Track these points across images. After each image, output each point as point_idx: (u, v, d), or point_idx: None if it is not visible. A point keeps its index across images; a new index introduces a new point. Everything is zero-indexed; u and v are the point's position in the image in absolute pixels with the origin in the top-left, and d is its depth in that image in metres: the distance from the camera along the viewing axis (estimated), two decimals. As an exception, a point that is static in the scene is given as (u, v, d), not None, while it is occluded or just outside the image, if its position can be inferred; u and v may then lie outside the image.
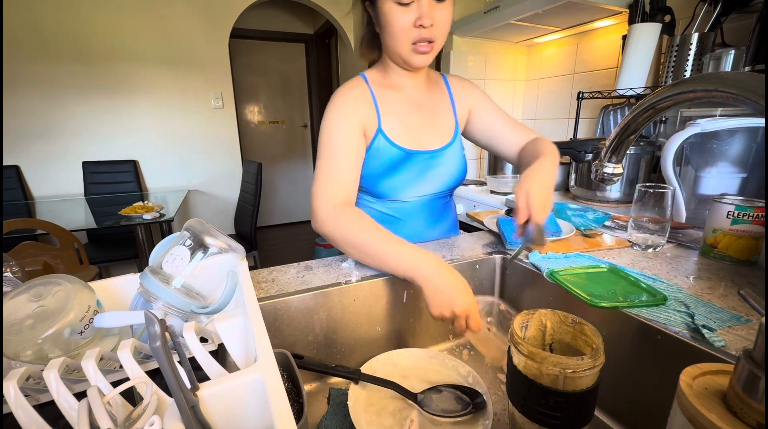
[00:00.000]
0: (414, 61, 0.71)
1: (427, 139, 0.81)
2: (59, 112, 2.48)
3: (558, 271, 0.64)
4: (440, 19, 0.67)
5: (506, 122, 0.87)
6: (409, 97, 0.81)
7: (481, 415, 0.48)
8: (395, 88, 0.80)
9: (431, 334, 0.71)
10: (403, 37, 0.68)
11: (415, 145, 0.79)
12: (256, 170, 2.38)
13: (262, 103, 4.09)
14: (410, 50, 0.69)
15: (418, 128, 0.80)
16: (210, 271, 0.44)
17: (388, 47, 0.73)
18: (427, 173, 0.80)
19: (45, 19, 2.34)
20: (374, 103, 0.76)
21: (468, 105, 0.87)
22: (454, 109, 0.85)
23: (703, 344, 0.44)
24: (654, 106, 0.45)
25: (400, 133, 0.78)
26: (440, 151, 0.81)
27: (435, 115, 0.82)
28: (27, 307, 0.38)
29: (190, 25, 2.66)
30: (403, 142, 0.77)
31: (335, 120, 0.72)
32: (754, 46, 0.98)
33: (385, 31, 0.70)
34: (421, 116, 0.81)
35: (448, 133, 0.84)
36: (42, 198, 2.53)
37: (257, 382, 0.31)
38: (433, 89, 0.84)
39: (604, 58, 1.62)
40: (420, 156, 0.79)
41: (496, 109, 0.88)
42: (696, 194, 0.94)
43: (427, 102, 0.82)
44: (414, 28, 0.66)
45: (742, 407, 0.25)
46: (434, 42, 0.69)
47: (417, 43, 0.68)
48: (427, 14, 0.65)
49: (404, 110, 0.79)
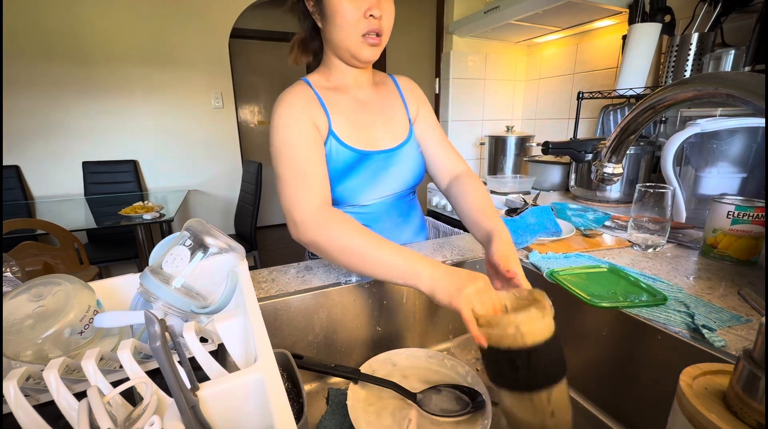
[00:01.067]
0: (363, 54, 0.68)
1: (380, 139, 0.78)
2: (59, 112, 2.48)
3: (558, 271, 0.64)
4: (388, 11, 0.67)
5: (442, 141, 0.83)
6: (356, 98, 0.78)
7: (480, 414, 0.48)
8: (340, 90, 0.76)
9: (431, 334, 0.71)
10: (353, 28, 0.65)
11: (369, 146, 0.76)
12: (256, 170, 2.38)
13: (262, 103, 4.09)
14: (360, 42, 0.67)
15: (369, 128, 0.77)
16: (210, 271, 0.44)
17: (334, 41, 0.69)
18: (383, 174, 0.77)
19: (45, 19, 2.34)
20: (321, 104, 0.73)
21: (416, 106, 0.84)
22: (406, 107, 0.83)
23: (703, 344, 0.44)
24: (654, 106, 0.45)
25: (352, 134, 0.75)
26: (395, 151, 0.78)
27: (385, 114, 0.80)
28: (27, 307, 0.38)
29: (190, 25, 2.66)
30: (355, 143, 0.74)
31: (286, 121, 0.68)
32: (754, 46, 0.98)
33: (332, 22, 0.66)
34: (371, 116, 0.78)
35: (402, 131, 0.81)
36: (42, 198, 2.53)
37: (257, 382, 0.31)
38: (380, 89, 0.82)
39: (604, 58, 1.62)
40: (375, 156, 0.76)
41: (435, 123, 0.85)
42: (696, 194, 0.94)
43: (375, 101, 0.80)
44: (364, 18, 0.65)
45: (742, 407, 0.25)
46: (382, 35, 0.68)
47: (366, 35, 0.66)
48: (377, 5, 0.64)
49: (353, 110, 0.76)
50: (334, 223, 0.59)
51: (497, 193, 1.54)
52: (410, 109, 0.83)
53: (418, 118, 0.83)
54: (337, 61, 0.74)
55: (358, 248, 0.55)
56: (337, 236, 0.57)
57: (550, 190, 1.56)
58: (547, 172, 1.56)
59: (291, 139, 0.67)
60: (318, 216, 0.60)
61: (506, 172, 1.78)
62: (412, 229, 0.87)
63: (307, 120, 0.69)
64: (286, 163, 0.65)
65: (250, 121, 4.08)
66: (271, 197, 4.25)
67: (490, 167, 1.83)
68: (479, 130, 2.09)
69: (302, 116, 0.69)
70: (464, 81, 1.97)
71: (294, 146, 0.66)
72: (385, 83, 0.84)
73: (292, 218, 0.62)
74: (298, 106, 0.69)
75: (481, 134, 2.09)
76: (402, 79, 0.86)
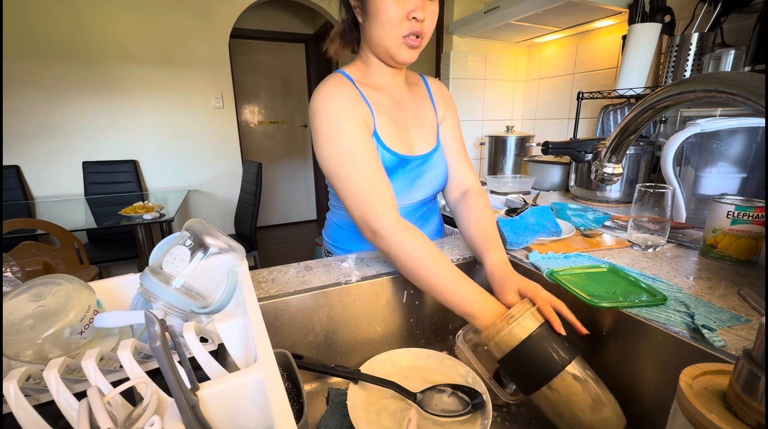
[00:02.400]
0: (401, 56, 0.67)
1: (416, 143, 0.76)
2: (59, 112, 2.48)
3: (558, 271, 0.64)
4: (431, 13, 0.65)
5: (459, 151, 0.81)
6: (393, 99, 0.76)
7: (480, 414, 0.48)
8: (378, 88, 0.74)
9: (431, 334, 0.71)
10: (395, 28, 0.64)
11: (407, 150, 0.75)
12: (256, 170, 2.38)
13: (262, 103, 4.09)
14: (400, 43, 0.65)
15: (405, 131, 0.76)
16: (210, 271, 0.44)
17: (373, 39, 0.67)
18: (418, 180, 0.76)
19: (45, 19, 2.34)
20: (366, 101, 0.70)
21: (444, 110, 0.83)
22: (435, 111, 0.81)
23: (703, 344, 0.44)
24: (654, 106, 0.45)
25: (393, 136, 0.73)
26: (428, 156, 0.77)
27: (419, 118, 0.78)
28: (27, 307, 0.38)
29: (190, 25, 2.66)
30: (397, 146, 0.73)
31: (336, 116, 0.64)
32: (754, 46, 0.97)
33: (374, 19, 0.64)
34: (407, 119, 0.76)
35: (432, 135, 0.79)
36: (42, 198, 2.53)
37: (257, 382, 0.31)
38: (413, 90, 0.80)
39: (604, 58, 1.62)
40: (413, 162, 0.75)
41: (457, 131, 0.83)
42: (696, 194, 0.94)
43: (409, 102, 0.78)
44: (406, 20, 0.63)
45: (742, 407, 0.25)
46: (422, 38, 0.66)
47: (407, 36, 0.65)
48: (421, 7, 0.63)
49: (393, 112, 0.74)
50: (413, 239, 0.59)
51: (497, 193, 1.54)
52: (438, 113, 0.82)
53: (443, 122, 0.82)
54: (374, 58, 0.72)
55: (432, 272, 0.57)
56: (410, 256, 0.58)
57: (550, 190, 1.56)
58: (547, 172, 1.56)
59: (352, 145, 0.64)
60: (396, 228, 0.60)
61: (506, 172, 1.77)
62: (428, 233, 0.86)
63: (359, 119, 0.66)
64: (353, 172, 0.63)
65: (250, 121, 4.08)
66: (271, 197, 4.25)
67: (490, 167, 1.83)
68: (479, 130, 2.09)
69: (353, 110, 0.66)
70: (464, 81, 1.97)
71: (358, 153, 0.64)
72: (417, 84, 0.82)
73: (368, 226, 0.62)
74: (346, 99, 0.66)
75: (481, 134, 2.09)
76: (433, 81, 0.84)
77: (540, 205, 1.02)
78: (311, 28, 3.93)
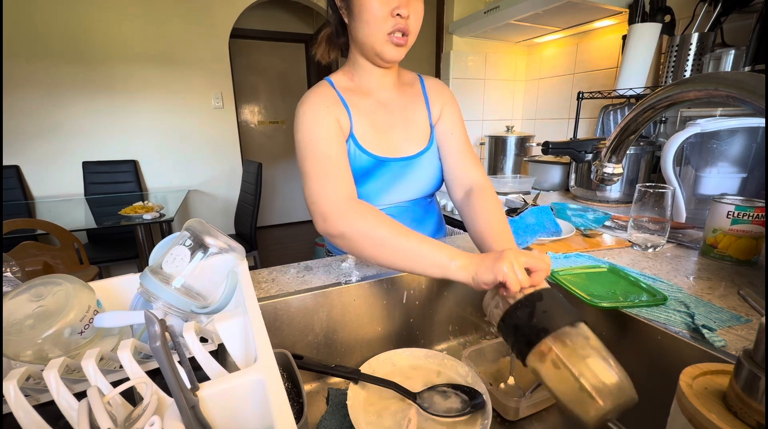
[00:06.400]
0: (387, 54, 0.67)
1: (400, 145, 0.76)
2: (59, 112, 2.48)
3: (558, 271, 0.64)
4: (416, 11, 0.65)
5: (461, 148, 0.79)
6: (379, 101, 0.76)
7: (480, 414, 0.48)
8: (364, 93, 0.75)
9: (431, 334, 0.71)
10: (379, 25, 0.64)
11: (387, 152, 0.75)
12: (256, 170, 2.38)
13: (262, 103, 4.09)
14: (385, 41, 0.66)
15: (388, 132, 0.76)
16: (210, 271, 0.44)
17: (359, 38, 0.68)
18: (400, 181, 0.76)
19: (45, 19, 2.34)
20: (344, 105, 0.72)
21: (440, 107, 0.81)
22: (429, 112, 0.80)
23: (703, 344, 0.44)
24: (654, 106, 0.45)
25: (372, 138, 0.74)
26: (415, 158, 0.77)
27: (408, 120, 0.78)
28: (27, 307, 0.38)
29: (190, 25, 2.66)
30: (374, 148, 0.74)
31: (311, 119, 0.68)
32: (754, 46, 0.97)
33: (359, 18, 0.65)
34: (393, 120, 0.76)
35: (422, 137, 0.79)
36: (42, 198, 2.53)
37: (257, 382, 0.31)
38: (405, 91, 0.80)
39: (604, 58, 1.62)
40: (392, 164, 0.75)
41: (457, 126, 0.80)
42: (696, 194, 0.94)
43: (398, 104, 0.78)
44: (391, 17, 0.64)
45: (742, 407, 0.25)
46: (408, 35, 0.66)
47: (392, 33, 0.65)
48: (405, 3, 0.63)
49: (375, 114, 0.75)
50: (363, 214, 0.58)
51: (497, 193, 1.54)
52: (432, 112, 0.80)
53: (440, 120, 0.81)
54: (362, 60, 0.73)
55: (387, 239, 0.54)
56: (366, 227, 0.56)
57: (550, 190, 1.56)
58: (547, 172, 1.56)
59: (316, 135, 0.67)
60: (346, 207, 0.60)
61: (506, 172, 1.77)
62: (428, 232, 0.86)
63: (332, 118, 0.69)
64: (312, 158, 0.65)
65: (250, 121, 4.08)
66: (271, 197, 4.25)
67: (490, 167, 1.83)
68: (479, 130, 2.09)
69: (327, 115, 0.69)
70: (464, 81, 1.97)
71: (319, 142, 0.66)
72: (411, 84, 0.81)
73: (319, 211, 0.61)
74: (323, 104, 0.70)
75: (481, 134, 2.09)
76: (430, 80, 0.83)
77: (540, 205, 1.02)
78: (311, 28, 3.93)
